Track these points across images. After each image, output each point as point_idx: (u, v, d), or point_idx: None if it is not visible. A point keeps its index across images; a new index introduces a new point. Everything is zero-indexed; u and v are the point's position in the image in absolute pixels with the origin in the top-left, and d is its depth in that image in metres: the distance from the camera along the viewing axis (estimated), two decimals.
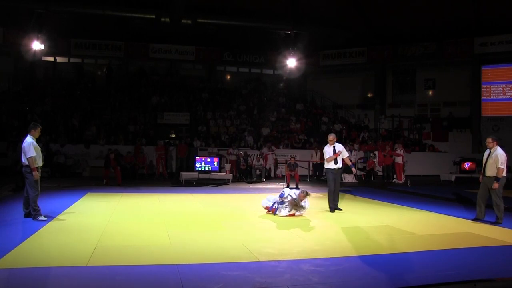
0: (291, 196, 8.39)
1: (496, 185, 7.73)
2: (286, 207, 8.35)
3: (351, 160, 10.28)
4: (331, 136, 9.48)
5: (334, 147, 9.30)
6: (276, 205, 8.45)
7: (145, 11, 21.58)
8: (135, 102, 22.36)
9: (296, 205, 8.29)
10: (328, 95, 26.35)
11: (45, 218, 7.30)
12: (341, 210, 9.23)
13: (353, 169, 9.48)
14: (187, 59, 25.47)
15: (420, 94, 24.69)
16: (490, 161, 7.90)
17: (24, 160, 7.30)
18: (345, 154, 9.37)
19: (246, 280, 4.50)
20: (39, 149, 7.48)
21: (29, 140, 7.34)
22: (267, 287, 4.31)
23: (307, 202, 8.54)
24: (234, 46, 25.57)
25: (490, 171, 7.89)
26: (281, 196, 8.47)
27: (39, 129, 7.62)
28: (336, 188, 9.28)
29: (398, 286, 4.44)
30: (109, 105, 21.71)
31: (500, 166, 7.69)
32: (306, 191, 8.57)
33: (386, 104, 25.32)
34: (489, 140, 8.09)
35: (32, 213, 7.31)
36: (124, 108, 21.54)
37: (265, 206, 8.69)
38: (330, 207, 9.22)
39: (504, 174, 7.82)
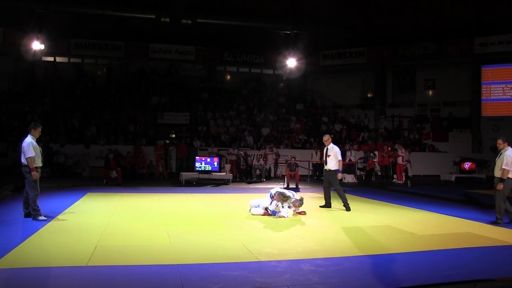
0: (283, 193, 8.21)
1: (500, 186, 7.64)
2: (290, 207, 8.24)
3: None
4: (325, 137, 9.50)
5: (327, 149, 9.31)
6: (269, 211, 8.28)
7: (145, 11, 21.58)
8: (135, 102, 22.35)
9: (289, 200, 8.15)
10: (328, 95, 26.35)
11: (45, 218, 7.29)
12: (350, 210, 9.16)
13: (339, 174, 9.35)
14: (187, 59, 25.46)
15: (420, 94, 24.69)
16: (498, 162, 7.80)
17: (23, 160, 7.30)
18: (337, 157, 9.23)
19: (246, 280, 4.50)
20: (38, 149, 7.46)
21: (28, 140, 7.33)
22: (267, 287, 4.31)
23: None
24: (234, 46, 25.56)
25: (497, 172, 7.81)
26: (271, 197, 8.25)
27: (39, 129, 7.60)
28: (326, 188, 9.41)
29: (398, 286, 4.44)
30: (109, 105, 21.71)
31: (504, 167, 7.58)
32: (301, 201, 8.30)
33: (386, 104, 25.32)
34: (500, 141, 7.88)
35: (32, 213, 7.31)
36: (124, 108, 21.53)
37: (261, 214, 8.40)
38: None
39: (510, 175, 7.64)
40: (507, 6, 19.44)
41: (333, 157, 9.19)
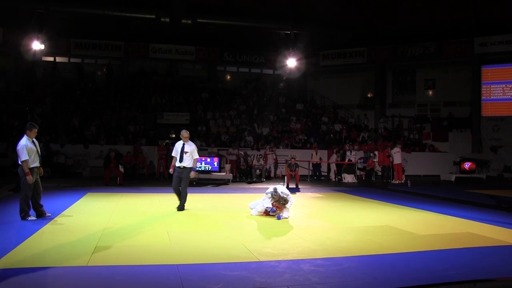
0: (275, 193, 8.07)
1: None
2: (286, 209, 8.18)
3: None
4: (185, 133, 9.15)
5: (183, 144, 9.00)
6: (271, 213, 8.17)
7: (145, 11, 21.55)
8: (135, 102, 22.35)
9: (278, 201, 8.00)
10: (328, 95, 26.34)
11: (34, 218, 7.33)
12: (183, 210, 8.82)
13: (193, 173, 9.13)
14: (187, 59, 25.46)
15: (420, 94, 24.68)
16: None
17: (19, 162, 7.29)
18: (195, 155, 9.01)
19: (246, 280, 4.50)
20: (34, 149, 7.40)
21: (23, 142, 7.27)
22: (267, 287, 4.31)
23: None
24: (234, 46, 25.55)
25: None
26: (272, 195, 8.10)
27: (35, 130, 7.50)
28: (176, 186, 8.99)
29: (398, 286, 4.44)
30: (109, 105, 21.70)
31: None
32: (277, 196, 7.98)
33: (386, 104, 25.31)
34: None
35: (20, 214, 7.31)
36: (124, 108, 21.53)
37: (260, 215, 8.34)
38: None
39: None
40: (507, 6, 19.44)
41: (190, 154, 8.98)
